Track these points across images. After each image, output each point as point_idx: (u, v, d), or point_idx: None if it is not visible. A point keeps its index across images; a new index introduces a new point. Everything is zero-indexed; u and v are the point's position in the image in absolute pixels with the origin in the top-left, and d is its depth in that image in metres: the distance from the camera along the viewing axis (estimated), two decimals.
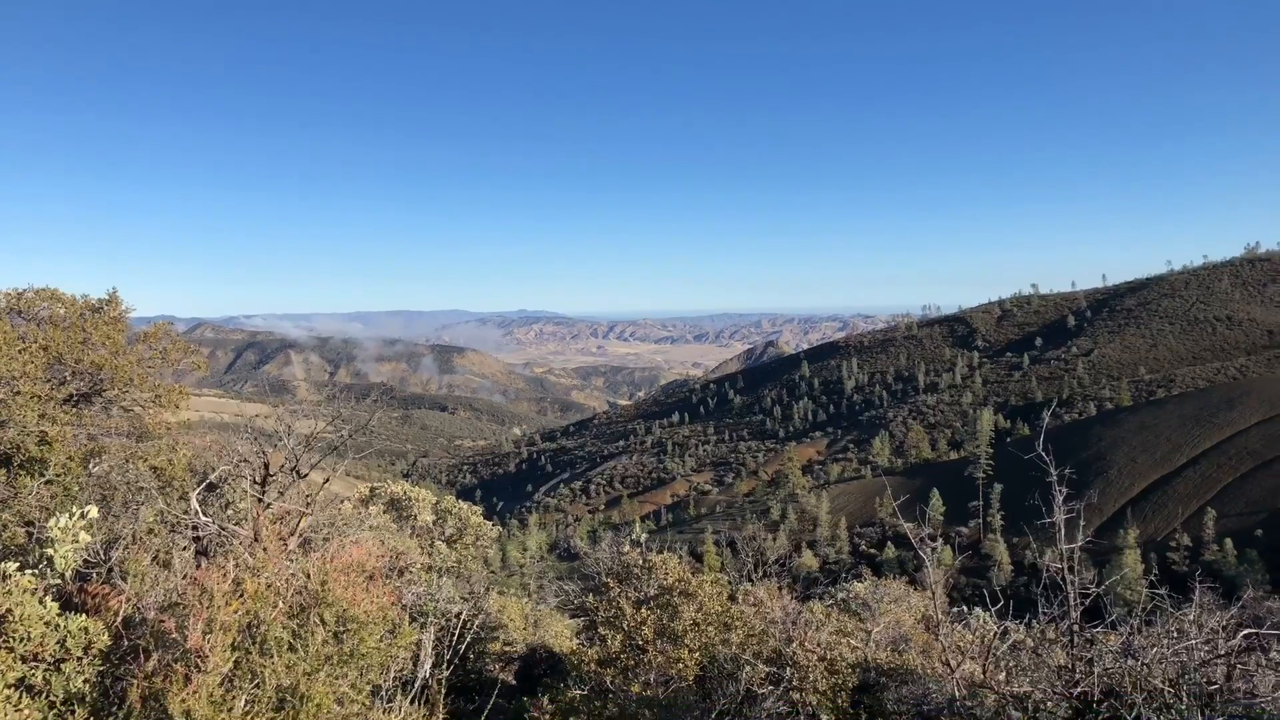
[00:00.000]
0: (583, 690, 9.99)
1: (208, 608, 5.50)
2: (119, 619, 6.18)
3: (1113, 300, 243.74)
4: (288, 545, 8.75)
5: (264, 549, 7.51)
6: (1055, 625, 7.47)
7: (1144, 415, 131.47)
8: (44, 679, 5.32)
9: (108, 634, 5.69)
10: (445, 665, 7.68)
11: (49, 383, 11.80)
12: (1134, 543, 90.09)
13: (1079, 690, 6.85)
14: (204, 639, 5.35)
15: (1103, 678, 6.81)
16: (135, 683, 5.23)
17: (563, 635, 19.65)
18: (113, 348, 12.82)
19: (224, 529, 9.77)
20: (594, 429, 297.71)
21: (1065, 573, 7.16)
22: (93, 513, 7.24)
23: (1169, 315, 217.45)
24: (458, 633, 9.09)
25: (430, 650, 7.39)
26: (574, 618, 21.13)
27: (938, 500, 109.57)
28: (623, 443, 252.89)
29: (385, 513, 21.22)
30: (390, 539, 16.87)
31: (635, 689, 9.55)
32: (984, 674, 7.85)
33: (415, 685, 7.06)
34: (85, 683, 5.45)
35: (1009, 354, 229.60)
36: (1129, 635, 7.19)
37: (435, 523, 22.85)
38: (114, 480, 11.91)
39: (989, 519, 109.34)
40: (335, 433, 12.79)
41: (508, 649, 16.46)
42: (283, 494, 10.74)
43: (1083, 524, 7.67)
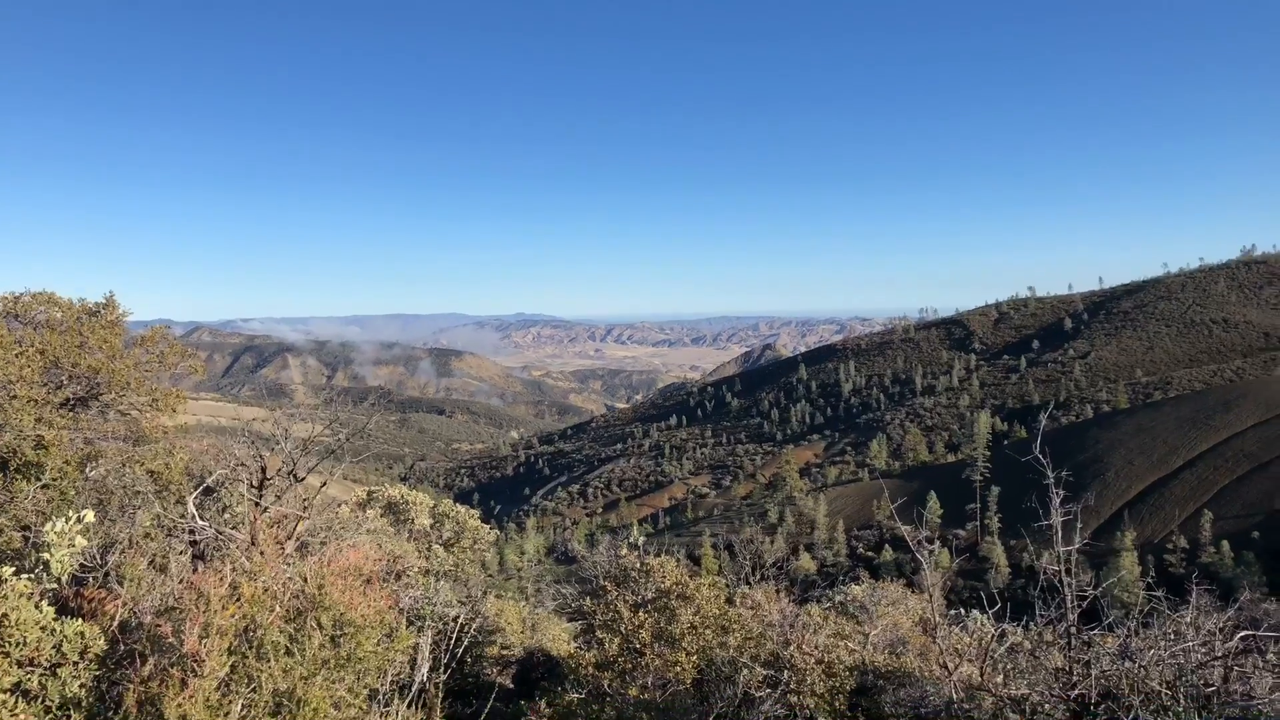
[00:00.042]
0: (580, 694, 9.98)
1: (204, 612, 5.49)
2: (115, 623, 6.16)
3: (1109, 303, 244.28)
4: (285, 549, 8.74)
5: (261, 553, 7.50)
6: (1053, 627, 7.48)
7: (1141, 418, 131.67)
8: (40, 684, 5.31)
9: (104, 638, 5.68)
10: (443, 669, 7.68)
11: (46, 386, 11.78)
12: (1131, 545, 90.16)
13: (1076, 692, 6.86)
14: (200, 643, 5.34)
15: (1100, 680, 6.82)
16: (131, 687, 5.22)
17: (560, 639, 19.62)
18: (110, 352, 12.81)
19: (221, 533, 9.76)
20: (591, 432, 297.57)
21: (1063, 575, 7.17)
22: (89, 517, 7.23)
23: (1165, 318, 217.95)
24: (455, 636, 9.08)
25: (427, 654, 7.38)
26: (572, 621, 21.10)
27: (935, 503, 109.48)
28: (620, 446, 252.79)
29: (382, 516, 21.20)
30: (387, 543, 16.85)
31: (633, 692, 9.55)
32: (982, 676, 7.86)
33: (413, 689, 7.05)
34: (81, 687, 5.44)
35: (1006, 356, 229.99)
36: (1126, 637, 7.20)
37: (433, 526, 22.81)
38: (110, 484, 11.89)
39: (986, 521, 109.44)
40: (332, 436, 12.80)
41: (505, 652, 16.43)
42: (280, 498, 10.73)
43: (1080, 526, 7.69)
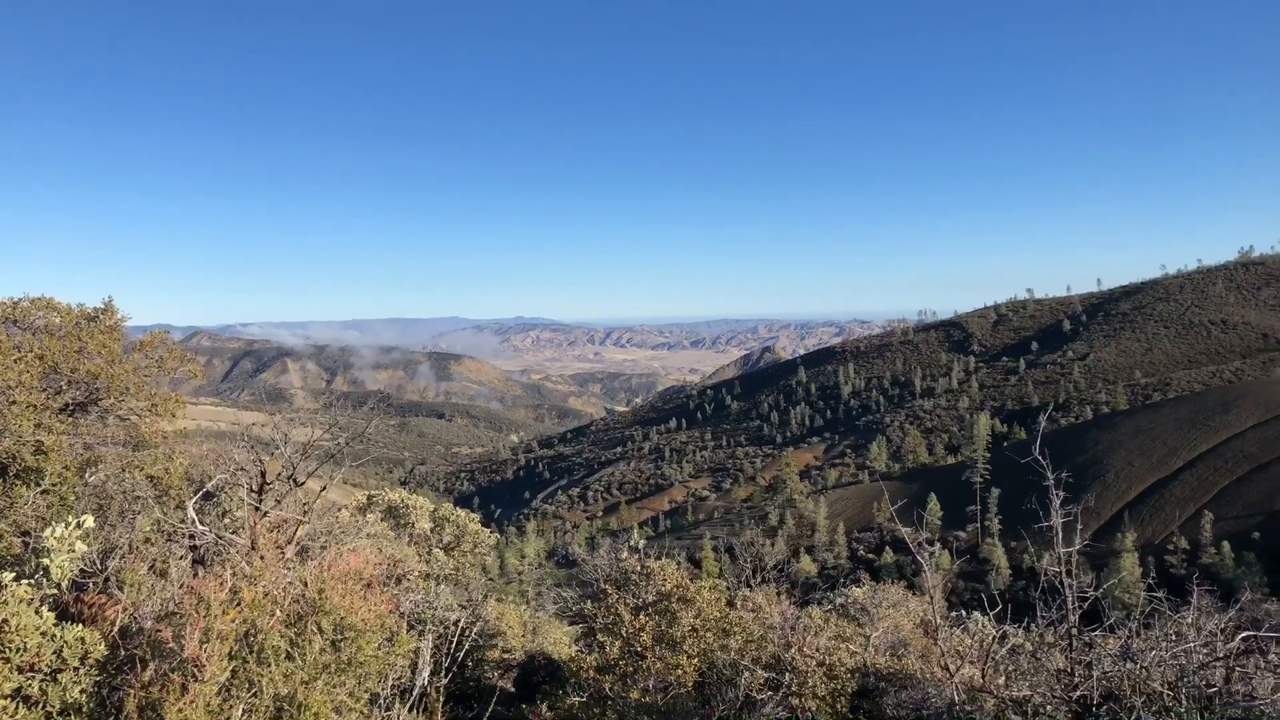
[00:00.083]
0: (581, 697, 9.97)
1: (205, 617, 5.48)
2: (115, 629, 6.15)
3: (1108, 304, 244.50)
4: (285, 553, 8.73)
5: (261, 557, 7.49)
6: (1054, 629, 7.47)
7: (1140, 419, 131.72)
8: (40, 689, 5.29)
9: (104, 644, 5.67)
10: (444, 673, 7.66)
11: (45, 392, 11.77)
12: (1132, 546, 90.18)
13: (1078, 694, 6.85)
14: (201, 648, 5.33)
15: (1102, 681, 6.82)
16: (132, 693, 5.21)
17: (561, 642, 19.59)
18: (109, 356, 12.79)
19: (221, 538, 9.75)
20: (591, 435, 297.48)
21: (1063, 576, 7.17)
22: (89, 522, 7.21)
23: (1164, 319, 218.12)
24: (456, 640, 9.07)
25: (428, 658, 7.38)
26: (573, 624, 21.08)
27: (935, 505, 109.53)
28: (620, 449, 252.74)
29: (383, 520, 21.17)
30: (388, 547, 16.82)
31: (634, 695, 9.53)
32: (983, 678, 7.85)
33: (414, 693, 7.05)
34: (82, 693, 5.43)
35: (1005, 358, 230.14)
36: (1128, 638, 7.20)
37: (433, 530, 22.78)
38: (110, 489, 11.87)
39: (987, 523, 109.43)
40: (332, 440, 12.78)
41: (506, 656, 16.41)
42: (280, 502, 10.71)
43: (1080, 528, 7.69)
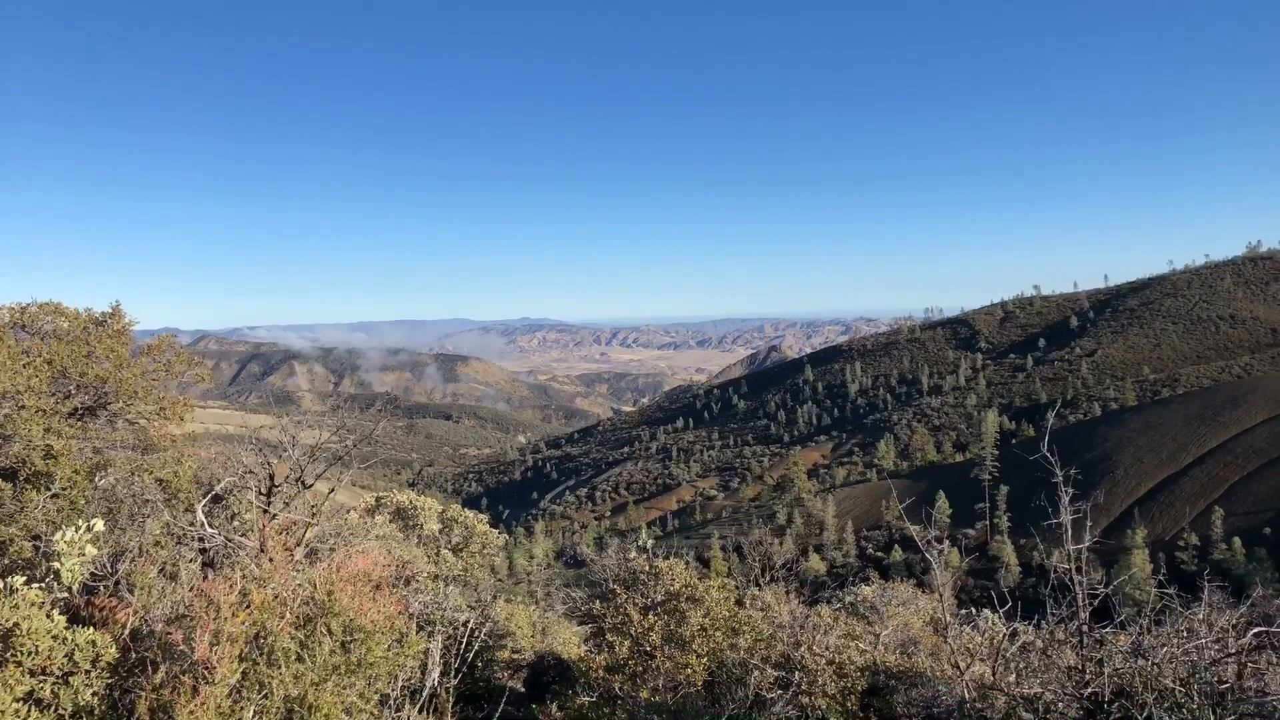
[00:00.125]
0: (591, 697, 9.96)
1: (215, 619, 5.50)
2: (126, 632, 6.18)
3: (1115, 300, 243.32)
4: (294, 556, 8.75)
5: (270, 560, 7.52)
6: (1064, 626, 7.44)
7: (1149, 415, 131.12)
8: (52, 692, 5.32)
9: (115, 647, 5.69)
10: (453, 673, 7.68)
11: (54, 396, 11.83)
12: (1142, 542, 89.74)
13: (1089, 691, 6.82)
14: (211, 650, 5.35)
15: (1113, 678, 6.78)
16: (143, 695, 5.23)
17: (570, 642, 19.59)
18: (117, 361, 12.85)
19: (230, 540, 9.78)
20: (598, 436, 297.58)
21: (1073, 573, 7.14)
22: (99, 526, 7.25)
23: (1172, 315, 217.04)
24: (465, 641, 9.08)
25: (438, 659, 7.39)
26: (582, 625, 21.08)
27: (944, 502, 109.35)
28: (627, 449, 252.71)
29: (391, 522, 21.20)
30: (396, 548, 16.85)
31: (643, 695, 9.53)
32: (994, 676, 7.82)
33: (423, 694, 7.06)
34: (93, 696, 5.45)
35: (1012, 355, 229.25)
36: (1139, 635, 7.16)
37: (441, 531, 22.81)
38: (120, 493, 11.92)
39: (996, 520, 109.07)
40: (340, 443, 12.80)
41: (516, 656, 16.41)
42: (288, 504, 10.74)
43: (1090, 524, 7.65)
